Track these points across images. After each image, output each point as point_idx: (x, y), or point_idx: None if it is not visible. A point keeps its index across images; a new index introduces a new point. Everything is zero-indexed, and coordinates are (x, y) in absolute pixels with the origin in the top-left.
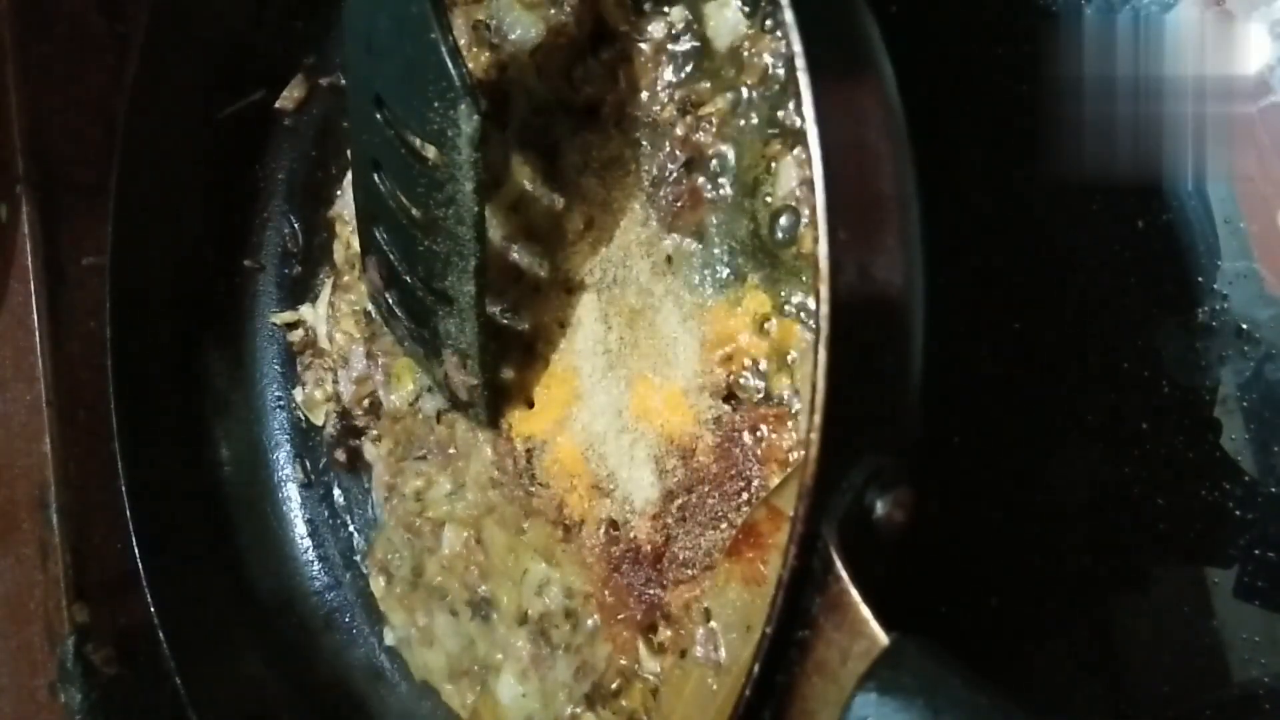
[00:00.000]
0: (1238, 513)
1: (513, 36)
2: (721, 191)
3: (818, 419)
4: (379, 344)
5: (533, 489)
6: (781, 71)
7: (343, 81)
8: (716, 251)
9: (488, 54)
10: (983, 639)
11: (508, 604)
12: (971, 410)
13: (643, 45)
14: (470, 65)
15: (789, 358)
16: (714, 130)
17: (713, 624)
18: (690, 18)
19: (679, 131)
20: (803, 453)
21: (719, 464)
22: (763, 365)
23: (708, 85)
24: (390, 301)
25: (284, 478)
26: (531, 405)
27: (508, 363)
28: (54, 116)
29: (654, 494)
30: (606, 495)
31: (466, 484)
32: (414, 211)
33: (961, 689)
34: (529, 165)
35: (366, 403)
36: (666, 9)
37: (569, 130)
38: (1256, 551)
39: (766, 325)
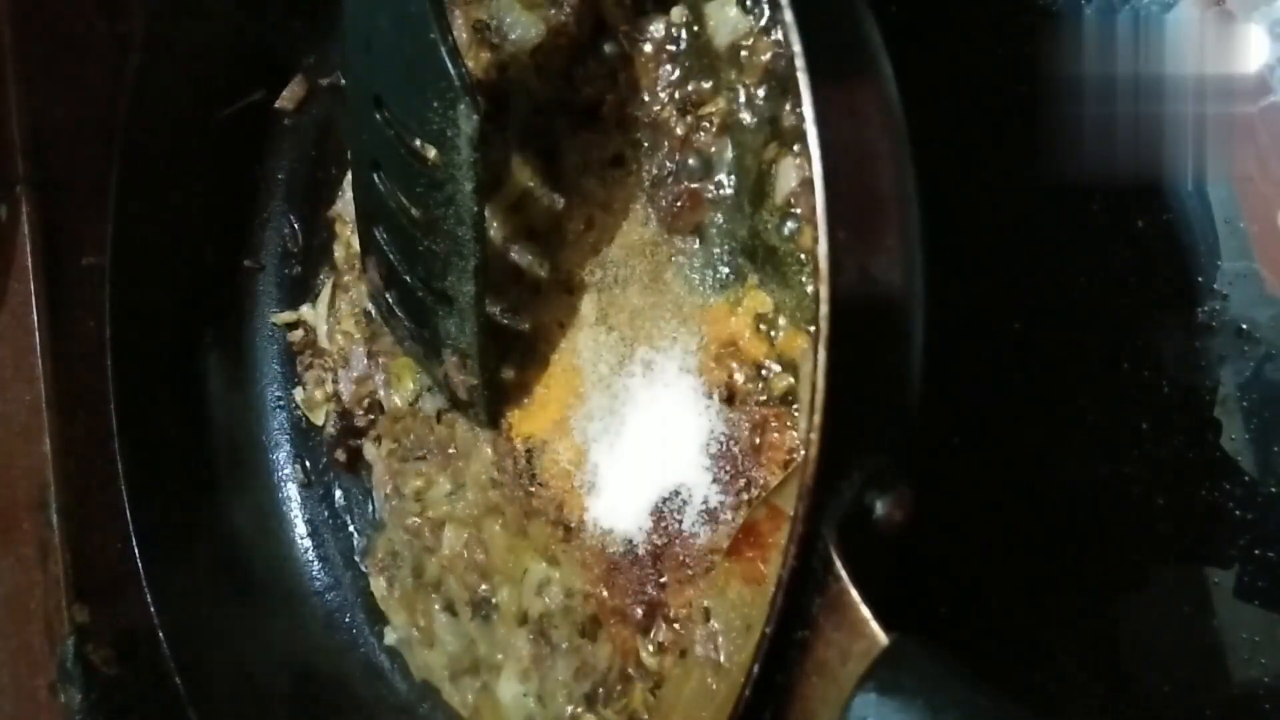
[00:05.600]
0: (1238, 513)
1: (513, 36)
2: (721, 191)
3: (818, 419)
4: (379, 344)
5: (533, 489)
6: (782, 71)
7: (343, 81)
8: (716, 251)
9: (488, 54)
10: (983, 639)
11: (508, 604)
12: (971, 410)
13: (643, 45)
14: (470, 65)
15: (789, 358)
16: (714, 130)
17: (713, 624)
18: (690, 17)
19: (679, 131)
20: (803, 453)
21: (719, 464)
22: (763, 365)
23: (708, 85)
24: (390, 301)
25: (284, 478)
26: (532, 405)
27: (508, 363)
28: (54, 116)
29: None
30: None
31: (466, 484)
32: (414, 211)
33: (961, 689)
34: (529, 165)
35: (366, 403)
36: (666, 9)
37: (569, 130)
38: (1256, 551)
39: (766, 325)
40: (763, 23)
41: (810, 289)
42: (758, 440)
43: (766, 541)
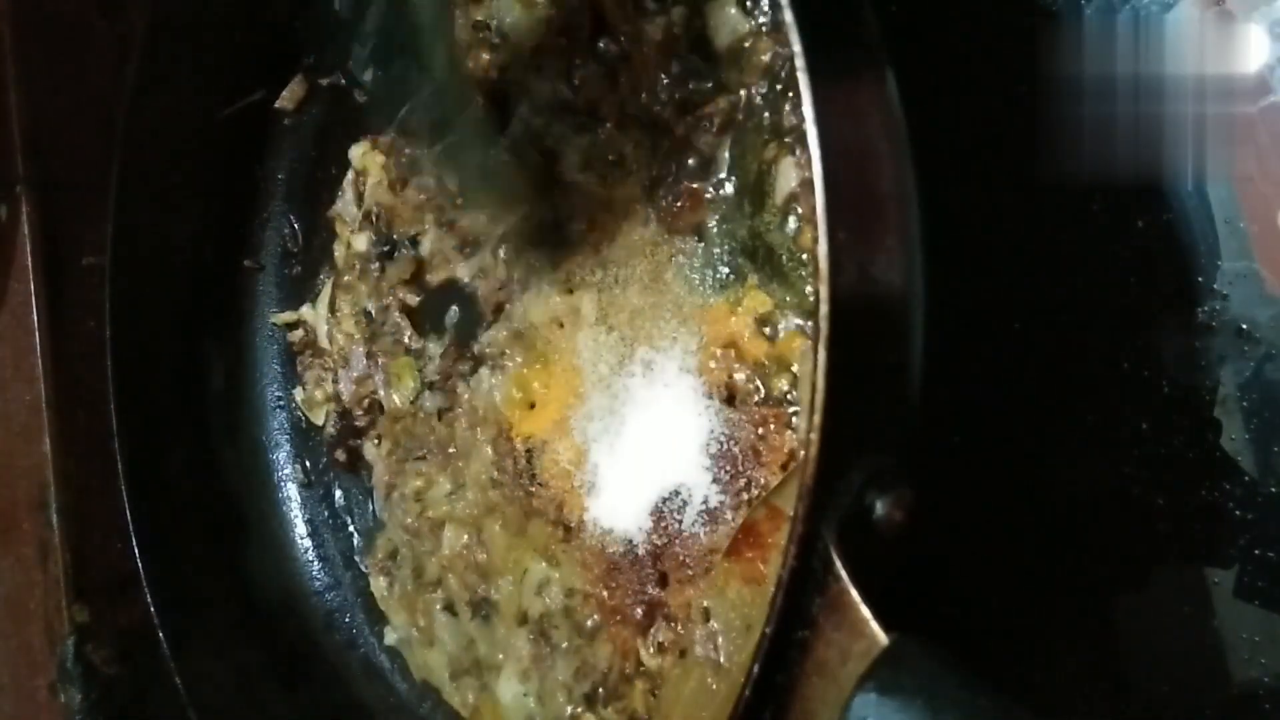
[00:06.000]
0: (1238, 513)
1: (513, 37)
2: (721, 192)
3: (818, 419)
4: (379, 344)
5: (533, 489)
6: (781, 71)
7: (343, 81)
8: (716, 251)
9: (488, 54)
10: (983, 639)
11: (508, 604)
12: (971, 410)
13: (643, 45)
14: (470, 65)
15: (789, 358)
16: (714, 130)
17: (713, 624)
18: (690, 17)
19: (679, 131)
20: (803, 453)
21: (719, 464)
22: (763, 365)
23: (708, 85)
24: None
25: (284, 478)
26: (532, 405)
27: (508, 363)
28: (54, 116)
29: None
30: None
31: (466, 484)
32: None
33: (961, 689)
34: (529, 165)
35: (366, 403)
36: (666, 9)
37: (569, 130)
38: (1256, 551)
39: (766, 325)
40: (763, 23)
41: (810, 289)
42: (758, 440)
43: (766, 541)
